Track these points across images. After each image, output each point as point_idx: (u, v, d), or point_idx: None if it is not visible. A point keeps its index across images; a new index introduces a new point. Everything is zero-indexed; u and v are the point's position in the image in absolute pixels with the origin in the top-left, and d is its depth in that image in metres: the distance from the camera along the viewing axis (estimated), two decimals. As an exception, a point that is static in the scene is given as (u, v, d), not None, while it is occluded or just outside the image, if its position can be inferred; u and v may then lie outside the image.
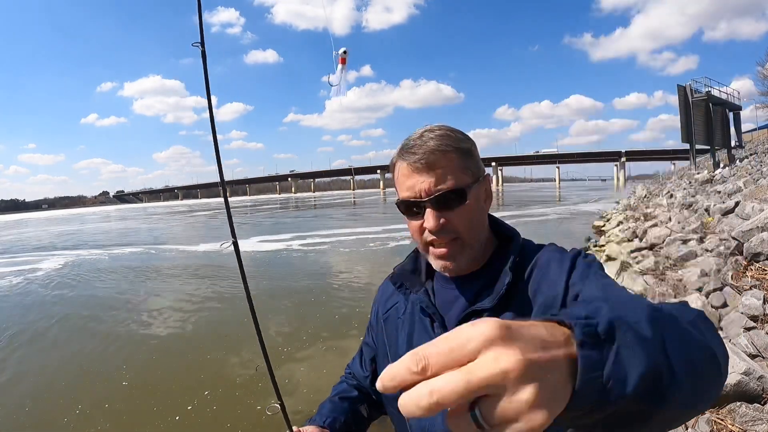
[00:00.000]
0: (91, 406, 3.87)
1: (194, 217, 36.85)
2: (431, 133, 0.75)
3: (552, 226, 16.45)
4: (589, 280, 0.68)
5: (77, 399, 4.02)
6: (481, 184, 0.78)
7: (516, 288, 0.74)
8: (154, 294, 8.27)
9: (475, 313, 0.75)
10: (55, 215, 74.88)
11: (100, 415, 3.72)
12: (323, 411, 0.97)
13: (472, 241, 0.77)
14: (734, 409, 1.90)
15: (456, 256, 0.76)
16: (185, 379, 4.33)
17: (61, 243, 20.15)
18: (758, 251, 3.44)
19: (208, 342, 5.38)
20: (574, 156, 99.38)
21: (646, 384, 0.33)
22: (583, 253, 0.76)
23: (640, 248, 6.46)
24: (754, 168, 12.02)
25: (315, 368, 4.44)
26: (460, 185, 0.74)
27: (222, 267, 10.45)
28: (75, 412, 3.79)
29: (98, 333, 6.00)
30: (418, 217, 0.75)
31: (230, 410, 3.68)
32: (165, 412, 3.69)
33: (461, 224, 0.75)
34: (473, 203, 0.76)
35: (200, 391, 4.00)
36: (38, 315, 7.12)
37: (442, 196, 0.73)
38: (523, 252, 0.79)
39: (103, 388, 4.26)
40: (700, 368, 0.38)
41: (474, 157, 0.78)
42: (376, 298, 1.00)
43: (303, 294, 7.62)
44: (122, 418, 3.68)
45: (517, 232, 0.85)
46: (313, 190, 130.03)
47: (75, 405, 3.91)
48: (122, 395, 4.07)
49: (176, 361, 4.89)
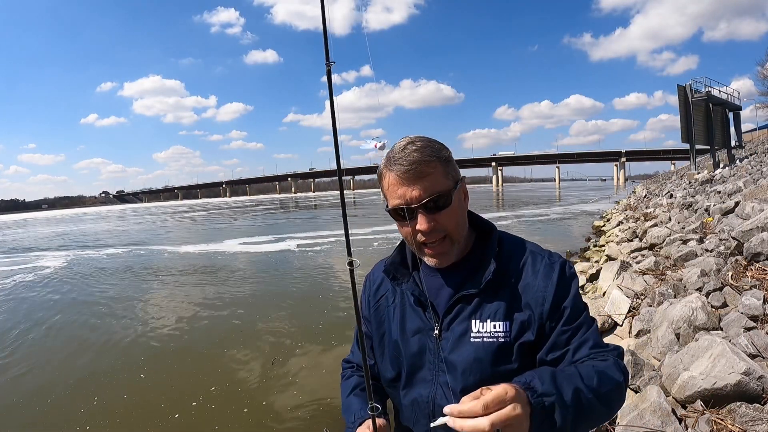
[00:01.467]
0: (110, 399, 4.01)
1: (198, 217, 36.83)
2: (413, 145, 0.84)
3: (552, 226, 16.44)
4: (565, 317, 0.84)
5: (94, 392, 4.16)
6: (460, 186, 0.89)
7: (498, 274, 0.87)
8: (165, 291, 8.29)
9: (465, 297, 0.87)
10: (60, 215, 74.81)
11: (119, 407, 3.84)
12: (353, 407, 0.97)
13: (459, 237, 0.88)
14: (734, 409, 1.90)
15: (447, 251, 0.88)
16: (196, 376, 4.42)
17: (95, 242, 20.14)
18: (758, 251, 3.43)
19: (225, 340, 5.43)
20: (574, 156, 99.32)
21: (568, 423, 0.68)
22: (567, 265, 0.89)
23: (640, 248, 6.46)
24: (754, 168, 12.02)
25: (316, 367, 4.44)
26: (445, 190, 0.84)
27: (227, 267, 10.45)
28: (93, 403, 3.92)
29: (116, 329, 6.03)
30: (411, 221, 0.84)
31: (231, 408, 3.68)
32: (175, 406, 3.80)
33: (449, 224, 0.86)
34: (457, 204, 0.87)
35: (207, 387, 4.08)
36: (67, 312, 7.14)
37: (431, 201, 0.83)
38: (501, 243, 0.92)
39: (121, 381, 4.38)
40: (602, 411, 0.74)
41: (452, 164, 0.89)
42: (365, 289, 1.07)
43: (304, 294, 7.63)
44: (137, 410, 3.78)
45: (493, 225, 0.95)
46: (313, 190, 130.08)
47: (92, 397, 4.05)
48: (139, 388, 4.21)
49: (189, 358, 4.92)
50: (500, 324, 0.85)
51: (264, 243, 15.12)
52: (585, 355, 0.82)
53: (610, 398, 0.75)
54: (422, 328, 0.91)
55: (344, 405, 1.01)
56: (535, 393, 0.66)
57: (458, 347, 0.86)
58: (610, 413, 0.77)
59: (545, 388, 0.67)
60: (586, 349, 0.82)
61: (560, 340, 0.83)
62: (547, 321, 0.84)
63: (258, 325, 5.91)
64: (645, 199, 15.44)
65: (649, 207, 11.56)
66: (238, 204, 68.37)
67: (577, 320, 0.84)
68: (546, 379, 0.69)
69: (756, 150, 20.44)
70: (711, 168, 16.86)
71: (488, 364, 0.84)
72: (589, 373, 0.74)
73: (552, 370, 0.72)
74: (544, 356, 0.84)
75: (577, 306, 0.86)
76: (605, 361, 0.79)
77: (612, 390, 0.75)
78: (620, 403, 0.79)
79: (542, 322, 0.84)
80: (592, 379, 0.73)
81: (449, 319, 0.88)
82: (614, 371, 0.77)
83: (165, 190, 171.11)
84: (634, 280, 4.24)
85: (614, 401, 0.77)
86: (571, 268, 0.89)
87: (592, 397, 0.71)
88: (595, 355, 0.81)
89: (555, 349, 0.83)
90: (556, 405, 0.66)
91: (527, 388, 0.66)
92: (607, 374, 0.76)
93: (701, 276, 3.51)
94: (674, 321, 2.75)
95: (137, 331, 6.00)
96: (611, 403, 0.76)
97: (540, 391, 0.66)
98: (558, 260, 0.89)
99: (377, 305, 1.00)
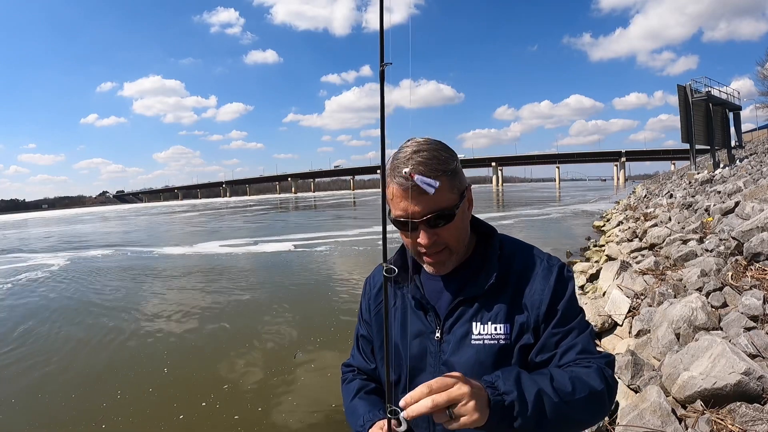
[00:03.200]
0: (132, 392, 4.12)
1: (207, 217, 36.82)
2: (419, 156, 0.80)
3: (552, 225, 16.44)
4: (556, 320, 0.84)
5: (120, 385, 4.27)
6: (465, 198, 0.87)
7: (499, 278, 0.87)
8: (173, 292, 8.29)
9: (466, 300, 0.87)
10: (54, 215, 74.79)
11: (142, 400, 3.95)
12: (359, 411, 0.94)
13: (459, 248, 0.88)
14: (734, 409, 1.90)
15: (445, 262, 0.88)
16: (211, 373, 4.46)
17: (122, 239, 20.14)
18: (758, 251, 3.43)
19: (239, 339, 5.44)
20: (574, 156, 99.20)
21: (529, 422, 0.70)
22: (565, 269, 0.89)
23: (640, 248, 6.46)
24: (754, 168, 12.02)
25: (319, 370, 4.44)
26: (448, 206, 0.83)
27: (236, 267, 10.44)
28: (116, 397, 4.02)
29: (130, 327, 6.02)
30: (411, 233, 0.84)
31: (236, 406, 3.68)
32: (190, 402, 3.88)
33: (450, 238, 0.85)
34: (459, 218, 0.85)
35: (220, 385, 4.12)
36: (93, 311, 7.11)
37: (433, 218, 0.82)
38: (502, 246, 0.92)
39: (144, 376, 4.45)
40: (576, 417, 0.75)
41: (459, 175, 0.86)
42: (365, 292, 1.06)
43: (304, 294, 7.62)
44: (160, 404, 3.85)
45: (494, 229, 0.95)
46: (313, 190, 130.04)
47: (115, 391, 4.14)
48: (162, 383, 4.30)
49: (202, 356, 4.94)
50: (501, 326, 0.85)
51: (265, 243, 15.13)
52: (571, 360, 0.81)
53: (584, 405, 0.74)
54: (423, 331, 0.91)
55: (348, 409, 0.98)
56: (497, 391, 0.69)
57: (459, 350, 0.86)
58: (590, 420, 0.77)
59: (506, 387, 0.70)
60: (573, 353, 0.82)
61: (550, 343, 0.84)
62: (542, 323, 0.85)
63: (265, 326, 5.92)
64: (645, 199, 15.44)
65: (649, 207, 11.55)
66: (242, 204, 68.33)
67: (568, 324, 0.84)
68: (510, 379, 0.71)
69: (756, 150, 20.44)
70: (711, 168, 16.86)
71: (489, 366, 0.84)
72: (563, 378, 0.75)
73: (518, 371, 0.74)
74: (534, 357, 0.85)
75: (571, 309, 0.86)
76: (587, 368, 0.79)
77: (587, 397, 0.74)
78: (601, 410, 0.78)
79: (538, 325, 0.85)
80: (564, 384, 0.74)
81: (450, 322, 0.88)
82: (594, 378, 0.77)
83: (165, 190, 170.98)
84: (634, 280, 4.24)
85: (591, 408, 0.76)
86: (569, 271, 0.90)
87: (560, 402, 0.71)
88: (580, 361, 0.81)
89: (544, 351, 0.84)
90: (515, 404, 0.68)
91: (489, 386, 0.70)
92: (583, 380, 0.76)
93: (701, 276, 3.51)
94: (674, 321, 2.75)
95: (136, 330, 6.00)
96: (587, 409, 0.75)
97: (502, 389, 0.69)
98: (556, 264, 0.90)
99: (378, 309, 1.00)
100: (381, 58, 0.71)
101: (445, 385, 0.66)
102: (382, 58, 0.71)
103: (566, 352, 0.82)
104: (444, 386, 0.66)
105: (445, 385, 0.66)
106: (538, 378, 0.74)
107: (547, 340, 0.84)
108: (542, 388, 0.72)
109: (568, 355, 0.82)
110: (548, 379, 0.74)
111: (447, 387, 0.66)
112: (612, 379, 0.80)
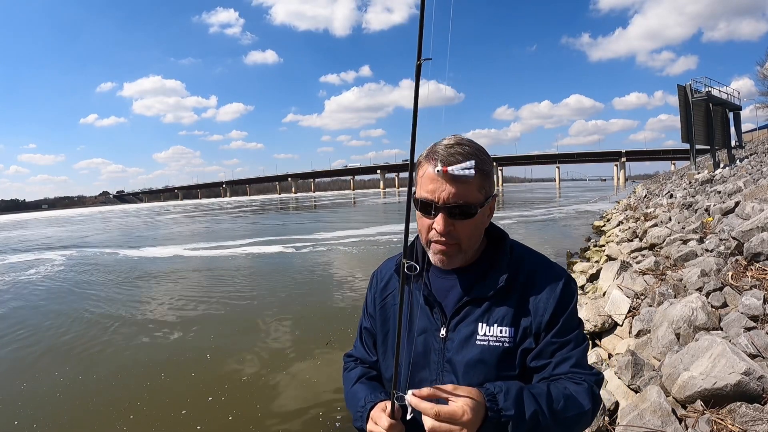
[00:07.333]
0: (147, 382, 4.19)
1: (210, 217, 36.82)
2: (460, 147, 0.84)
3: (552, 225, 16.44)
4: (556, 329, 0.87)
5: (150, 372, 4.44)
6: (489, 203, 0.89)
7: (508, 281, 0.89)
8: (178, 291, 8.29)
9: (474, 300, 0.89)
10: (52, 215, 74.81)
11: (154, 393, 4.04)
12: (360, 394, 0.94)
13: (469, 248, 0.89)
14: (734, 409, 1.90)
15: (452, 257, 0.88)
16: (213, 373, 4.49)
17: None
18: (758, 251, 3.43)
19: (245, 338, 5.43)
20: (574, 156, 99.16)
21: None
22: (572, 281, 0.91)
23: (640, 248, 6.46)
24: (754, 168, 12.02)
25: (316, 368, 4.45)
26: (473, 202, 0.84)
27: (244, 267, 10.43)
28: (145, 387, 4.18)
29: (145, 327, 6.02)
30: (430, 216, 0.85)
31: (237, 405, 3.69)
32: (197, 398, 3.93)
33: (464, 234, 0.86)
34: (479, 218, 0.87)
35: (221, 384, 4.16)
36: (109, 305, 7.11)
37: (456, 207, 0.83)
38: (512, 251, 0.93)
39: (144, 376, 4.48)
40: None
41: (490, 179, 0.88)
42: (371, 286, 1.06)
43: (304, 294, 7.62)
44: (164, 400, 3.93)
45: (506, 233, 0.97)
46: (313, 190, 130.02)
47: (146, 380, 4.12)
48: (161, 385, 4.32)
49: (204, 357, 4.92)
50: (506, 329, 0.87)
51: (265, 245, 15.13)
52: (563, 372, 0.85)
53: (570, 423, 0.80)
54: (429, 328, 0.92)
55: (349, 394, 0.98)
56: (495, 405, 0.74)
57: (463, 348, 0.87)
58: None
59: (506, 404, 0.74)
60: (566, 366, 0.85)
61: (546, 351, 0.86)
62: (543, 331, 0.87)
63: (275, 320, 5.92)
64: (645, 199, 15.43)
65: (649, 207, 11.55)
66: (247, 203, 68.36)
67: (567, 335, 0.87)
68: (510, 396, 0.75)
69: (756, 150, 20.44)
70: (711, 168, 16.87)
71: (492, 367, 0.85)
72: (558, 396, 0.79)
73: (520, 387, 0.78)
74: (529, 361, 0.87)
75: (571, 322, 0.88)
76: (579, 385, 0.83)
77: (575, 416, 0.80)
78: (583, 427, 0.83)
79: (539, 331, 0.87)
80: (558, 402, 0.78)
81: (456, 320, 0.89)
82: (584, 398, 0.81)
83: (165, 190, 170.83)
84: (634, 280, 4.24)
85: (575, 427, 0.82)
86: (574, 284, 0.93)
87: (551, 421, 0.77)
88: (572, 375, 0.84)
89: (539, 358, 0.87)
90: (511, 422, 0.73)
91: (490, 399, 0.74)
92: (575, 399, 0.80)
93: (701, 276, 3.51)
94: (674, 321, 2.75)
95: (137, 332, 6.00)
96: (571, 427, 0.81)
97: (501, 405, 0.74)
98: (563, 274, 0.92)
99: (383, 303, 1.01)
100: (418, 53, 0.72)
101: (453, 418, 0.70)
102: (419, 54, 0.72)
103: (560, 363, 0.85)
104: (450, 418, 0.70)
105: (453, 419, 0.70)
106: (537, 394, 0.78)
107: (545, 348, 0.86)
108: (538, 409, 0.76)
109: (562, 366, 0.85)
110: (545, 397, 0.78)
111: (453, 421, 0.70)
112: (598, 397, 0.86)
